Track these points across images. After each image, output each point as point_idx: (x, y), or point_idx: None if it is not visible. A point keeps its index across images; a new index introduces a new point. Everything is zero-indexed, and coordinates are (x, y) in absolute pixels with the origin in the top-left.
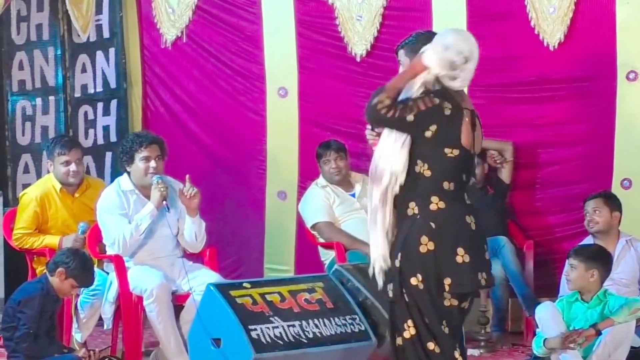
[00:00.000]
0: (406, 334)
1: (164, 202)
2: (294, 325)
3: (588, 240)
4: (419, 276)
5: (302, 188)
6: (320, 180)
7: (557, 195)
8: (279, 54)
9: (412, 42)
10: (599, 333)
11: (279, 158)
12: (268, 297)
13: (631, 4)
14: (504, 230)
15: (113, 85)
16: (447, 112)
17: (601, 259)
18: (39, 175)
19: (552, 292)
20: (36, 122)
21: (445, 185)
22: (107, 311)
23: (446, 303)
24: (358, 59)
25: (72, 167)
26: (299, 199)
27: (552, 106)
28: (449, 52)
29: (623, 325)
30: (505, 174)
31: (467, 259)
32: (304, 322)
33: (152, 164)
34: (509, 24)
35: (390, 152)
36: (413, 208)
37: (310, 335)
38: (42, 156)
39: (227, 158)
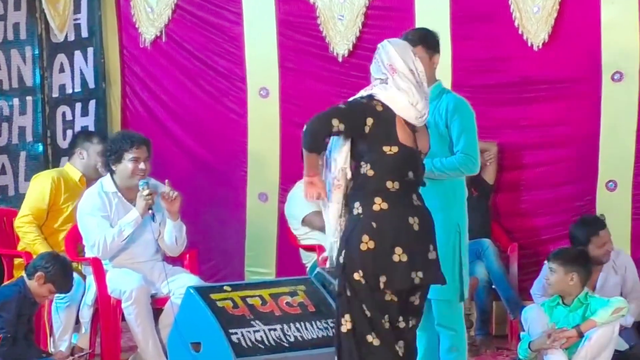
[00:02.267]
0: (343, 328)
1: (150, 212)
2: (275, 329)
3: None
4: (360, 272)
5: (284, 190)
6: None
7: (542, 198)
8: (260, 53)
9: (432, 36)
10: (581, 335)
11: (260, 159)
12: (249, 301)
13: (616, 4)
14: (487, 232)
15: (92, 85)
16: (379, 108)
17: (580, 262)
18: (16, 177)
19: None
20: (13, 123)
21: (389, 184)
22: (85, 315)
23: (387, 298)
24: (340, 59)
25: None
26: (280, 201)
27: (536, 107)
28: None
29: (607, 328)
30: (489, 175)
31: (404, 258)
32: (285, 326)
33: (142, 165)
34: (493, 24)
35: (340, 144)
36: (357, 208)
37: (292, 339)
38: (19, 157)
39: (208, 159)
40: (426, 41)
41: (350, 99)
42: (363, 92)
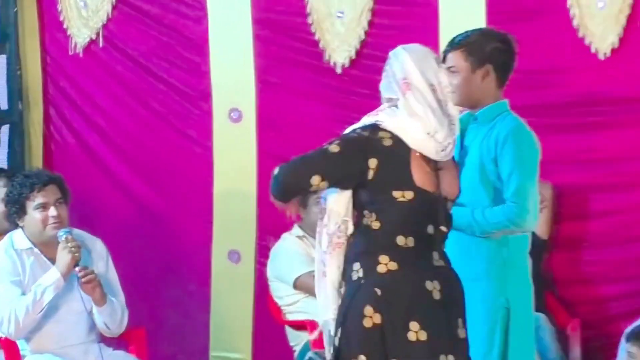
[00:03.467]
0: None
1: (76, 269)
2: None
3: None
4: (363, 357)
5: (262, 247)
6: (296, 230)
7: (612, 258)
8: (230, 63)
9: (477, 41)
10: None
11: (230, 205)
12: None
13: None
14: (540, 304)
15: (4, 106)
16: (387, 142)
17: None
18: None
19: None
20: None
21: (400, 240)
22: None
23: None
24: (339, 70)
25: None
26: (258, 261)
27: (603, 135)
28: None
29: None
30: (541, 228)
31: (422, 336)
32: None
33: (52, 211)
34: (543, 24)
35: (333, 192)
36: (357, 270)
37: None
38: None
39: (159, 205)
40: (469, 44)
41: (348, 129)
42: (367, 119)
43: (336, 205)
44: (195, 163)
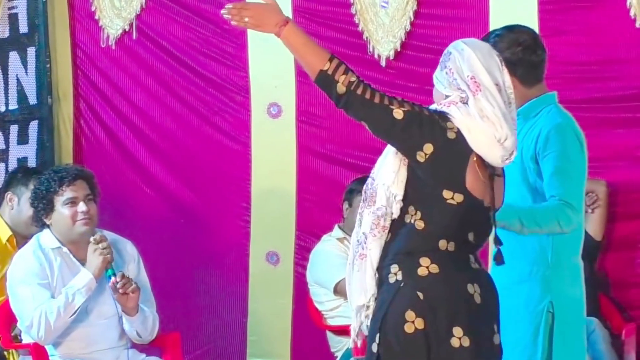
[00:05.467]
0: None
1: (114, 278)
2: None
3: None
4: None
5: (302, 248)
6: (336, 232)
7: None
8: (269, 56)
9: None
10: None
11: (268, 204)
12: None
13: None
14: (593, 308)
15: (33, 100)
16: (451, 135)
17: None
18: None
19: None
20: None
21: (442, 244)
22: None
23: None
24: (383, 63)
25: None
26: (297, 263)
27: None
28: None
29: None
30: (595, 228)
31: (466, 342)
32: None
33: (82, 207)
34: (598, 13)
35: (389, 163)
36: (396, 272)
37: None
38: None
39: (195, 204)
40: (512, 42)
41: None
42: (434, 106)
43: (393, 184)
44: (232, 160)
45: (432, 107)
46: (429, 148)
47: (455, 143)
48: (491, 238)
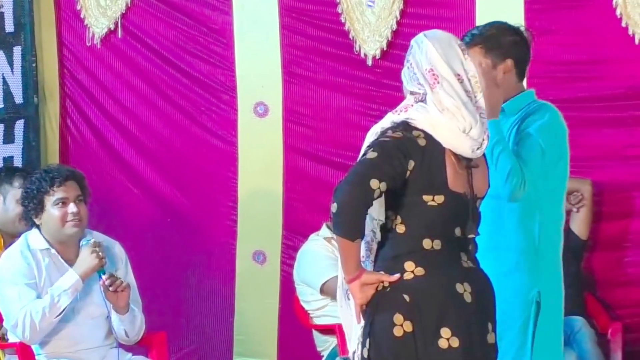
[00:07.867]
0: None
1: (103, 276)
2: None
3: None
4: None
5: (289, 247)
6: (324, 231)
7: None
8: (256, 55)
9: (493, 35)
10: None
11: (255, 204)
12: None
13: None
14: (579, 307)
15: (19, 99)
16: (422, 142)
17: None
18: None
19: None
20: None
21: (426, 243)
22: None
23: None
24: (369, 62)
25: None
26: (283, 262)
27: None
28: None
29: None
30: (580, 227)
31: (455, 343)
32: None
33: (72, 208)
34: (584, 13)
35: None
36: None
37: None
38: None
39: (181, 204)
40: (486, 40)
41: (374, 130)
42: (393, 117)
43: (374, 211)
44: (219, 159)
45: (392, 115)
46: (411, 164)
47: (427, 148)
48: None
